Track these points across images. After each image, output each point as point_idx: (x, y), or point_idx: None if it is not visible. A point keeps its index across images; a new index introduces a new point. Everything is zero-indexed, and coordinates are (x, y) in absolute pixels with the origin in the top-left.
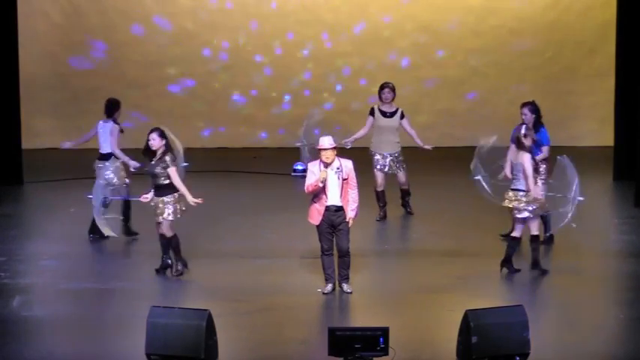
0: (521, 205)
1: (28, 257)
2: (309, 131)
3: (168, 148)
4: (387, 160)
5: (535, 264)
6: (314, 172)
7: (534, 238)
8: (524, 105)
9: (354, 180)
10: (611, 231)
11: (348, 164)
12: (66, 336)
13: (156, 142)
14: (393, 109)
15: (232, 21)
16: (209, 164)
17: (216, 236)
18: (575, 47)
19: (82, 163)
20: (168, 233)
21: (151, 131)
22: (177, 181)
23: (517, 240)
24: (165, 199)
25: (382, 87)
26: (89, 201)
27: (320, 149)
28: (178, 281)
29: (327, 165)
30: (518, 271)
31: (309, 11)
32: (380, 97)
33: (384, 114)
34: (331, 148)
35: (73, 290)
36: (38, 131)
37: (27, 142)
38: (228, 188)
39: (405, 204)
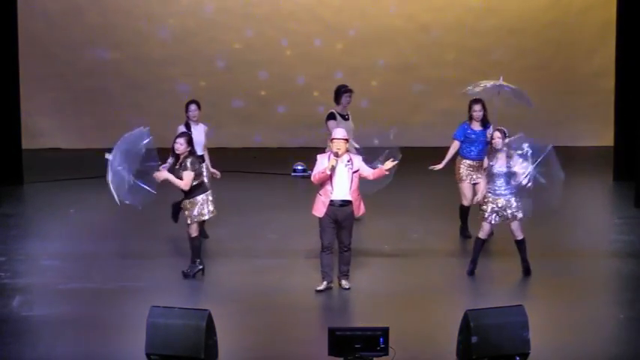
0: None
1: (28, 257)
2: None
3: (192, 153)
4: None
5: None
6: (323, 163)
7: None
8: (477, 102)
9: (367, 168)
10: (611, 231)
11: (357, 158)
12: (66, 336)
13: (182, 147)
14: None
15: (233, 21)
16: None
17: (216, 236)
18: (575, 47)
19: (82, 164)
20: (195, 233)
21: (179, 136)
22: (178, 182)
23: None
24: (199, 198)
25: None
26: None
27: (332, 139)
28: (178, 281)
29: (337, 156)
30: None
31: (309, 11)
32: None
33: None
34: (344, 139)
35: (73, 290)
36: (38, 131)
37: (27, 142)
38: (229, 188)
39: None
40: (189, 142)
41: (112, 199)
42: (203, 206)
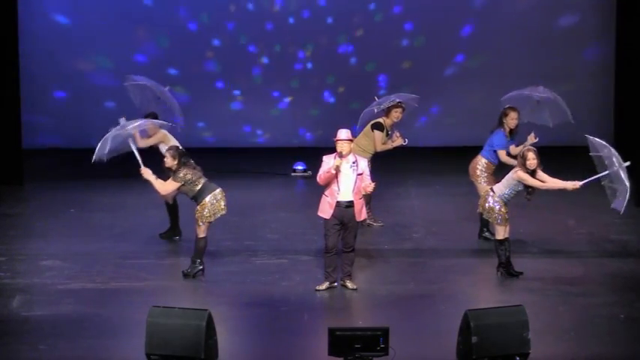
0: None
1: (28, 257)
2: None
3: (185, 164)
4: None
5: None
6: (328, 164)
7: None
8: (514, 109)
9: (369, 177)
10: (611, 231)
11: (363, 161)
12: (66, 336)
13: (167, 161)
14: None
15: (232, 20)
16: (209, 164)
17: (216, 236)
18: (575, 47)
19: (82, 164)
20: (203, 234)
21: (167, 150)
22: (156, 187)
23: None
24: (207, 199)
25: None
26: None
27: (337, 140)
28: (178, 281)
29: (341, 156)
30: (521, 273)
31: (309, 9)
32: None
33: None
34: (347, 140)
35: (73, 290)
36: (38, 131)
37: (27, 142)
38: (229, 188)
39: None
40: (175, 155)
41: (111, 199)
42: (214, 205)
